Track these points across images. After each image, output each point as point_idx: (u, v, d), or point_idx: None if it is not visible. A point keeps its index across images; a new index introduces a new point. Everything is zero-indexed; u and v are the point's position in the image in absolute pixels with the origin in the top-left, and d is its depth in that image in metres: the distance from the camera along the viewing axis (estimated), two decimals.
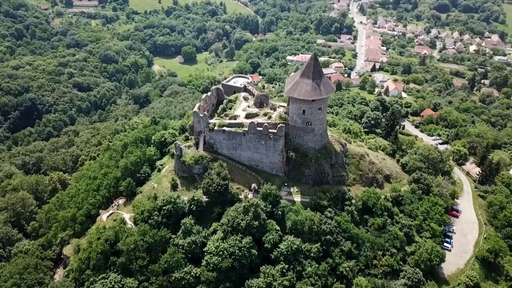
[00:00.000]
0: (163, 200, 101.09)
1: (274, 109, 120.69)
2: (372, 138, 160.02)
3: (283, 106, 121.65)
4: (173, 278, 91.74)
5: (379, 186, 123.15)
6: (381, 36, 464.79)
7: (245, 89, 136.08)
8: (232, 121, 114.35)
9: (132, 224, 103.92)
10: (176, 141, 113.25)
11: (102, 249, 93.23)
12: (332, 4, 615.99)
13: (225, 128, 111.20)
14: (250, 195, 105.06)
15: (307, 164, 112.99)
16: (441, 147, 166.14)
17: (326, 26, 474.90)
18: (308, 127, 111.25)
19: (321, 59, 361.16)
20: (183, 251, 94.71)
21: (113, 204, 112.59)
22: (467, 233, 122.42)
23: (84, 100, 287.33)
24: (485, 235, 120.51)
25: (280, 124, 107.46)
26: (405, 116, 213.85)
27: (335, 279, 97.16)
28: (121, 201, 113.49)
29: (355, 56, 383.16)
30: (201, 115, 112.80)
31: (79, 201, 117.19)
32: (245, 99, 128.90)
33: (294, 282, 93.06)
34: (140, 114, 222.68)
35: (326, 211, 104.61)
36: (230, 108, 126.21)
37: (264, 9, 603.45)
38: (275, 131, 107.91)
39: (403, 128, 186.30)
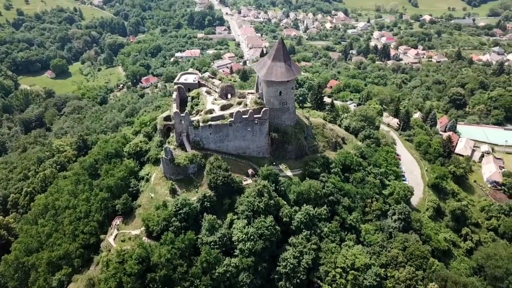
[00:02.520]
0: (176, 205, 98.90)
1: (244, 97, 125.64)
2: (307, 112, 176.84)
3: (252, 93, 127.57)
4: (216, 274, 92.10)
5: (341, 148, 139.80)
6: (251, 24, 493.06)
7: (199, 84, 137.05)
8: (212, 115, 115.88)
9: (146, 238, 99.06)
10: (166, 146, 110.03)
11: (138, 269, 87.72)
12: None
13: (210, 122, 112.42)
14: (249, 180, 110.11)
15: (289, 141, 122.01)
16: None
17: (199, 20, 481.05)
18: (284, 107, 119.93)
19: (209, 51, 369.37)
20: (217, 246, 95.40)
21: (112, 225, 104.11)
22: (413, 170, 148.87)
23: None
24: (426, 168, 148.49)
25: (265, 108, 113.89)
26: None
27: (346, 232, 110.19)
28: (118, 220, 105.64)
29: (238, 45, 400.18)
30: (182, 114, 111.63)
31: (67, 235, 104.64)
32: (208, 93, 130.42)
33: (319, 244, 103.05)
34: (50, 137, 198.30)
35: (320, 176, 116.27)
36: (197, 104, 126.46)
37: (125, 10, 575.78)
38: (260, 115, 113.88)
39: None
